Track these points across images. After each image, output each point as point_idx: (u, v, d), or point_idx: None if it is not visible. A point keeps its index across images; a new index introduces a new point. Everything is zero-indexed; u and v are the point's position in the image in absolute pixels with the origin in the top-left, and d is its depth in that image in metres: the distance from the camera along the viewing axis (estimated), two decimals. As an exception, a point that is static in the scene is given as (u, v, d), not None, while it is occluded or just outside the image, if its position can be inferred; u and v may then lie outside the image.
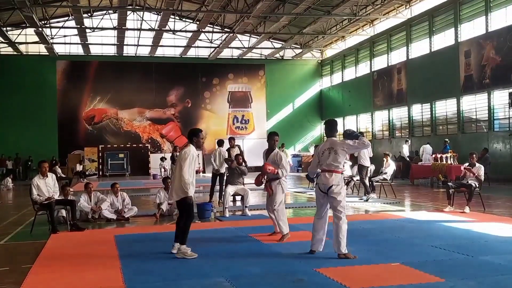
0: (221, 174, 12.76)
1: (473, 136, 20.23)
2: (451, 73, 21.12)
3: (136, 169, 28.98)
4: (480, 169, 10.63)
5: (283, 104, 33.77)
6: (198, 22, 27.64)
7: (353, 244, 6.64)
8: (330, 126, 6.79)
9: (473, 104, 20.44)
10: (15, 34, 28.23)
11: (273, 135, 8.02)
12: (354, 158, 14.19)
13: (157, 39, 28.65)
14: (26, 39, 28.93)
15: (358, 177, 13.47)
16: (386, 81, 26.42)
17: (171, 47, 31.37)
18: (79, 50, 30.53)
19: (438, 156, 16.79)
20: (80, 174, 24.85)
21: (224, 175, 12.58)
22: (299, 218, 10.27)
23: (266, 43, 31.60)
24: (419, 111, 24.09)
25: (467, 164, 11.05)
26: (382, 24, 27.26)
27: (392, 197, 13.41)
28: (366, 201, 12.59)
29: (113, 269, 6.07)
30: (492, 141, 19.13)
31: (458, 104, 21.06)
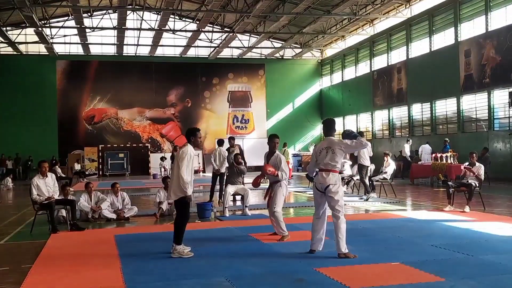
0: (221, 174, 12.76)
1: (473, 136, 20.23)
2: (451, 73, 21.12)
3: (136, 169, 29.01)
4: (480, 169, 10.63)
5: (283, 104, 33.76)
6: (198, 22, 27.63)
7: (353, 244, 6.64)
8: (328, 126, 6.77)
9: (473, 104, 20.44)
10: (15, 34, 28.22)
11: (273, 138, 7.98)
12: (354, 158, 14.19)
13: (157, 39, 28.66)
14: (26, 39, 28.92)
15: (358, 177, 13.46)
16: (386, 81, 26.41)
17: (171, 47, 31.36)
18: (79, 50, 30.54)
19: (438, 156, 16.79)
20: (80, 174, 24.85)
21: (224, 175, 12.58)
22: (299, 218, 10.28)
23: (266, 43, 31.58)
24: (419, 111, 24.09)
25: (467, 164, 11.04)
26: (382, 24, 27.25)
27: (392, 197, 13.42)
28: (366, 201, 12.59)
29: (113, 269, 6.07)
30: (492, 141, 19.12)
31: (458, 104, 21.06)
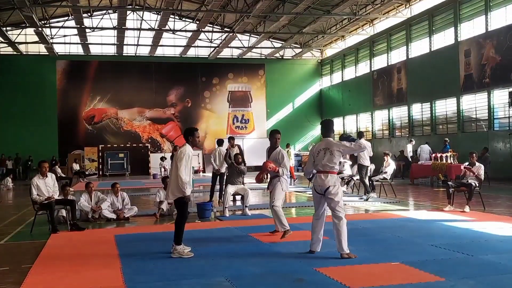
0: (221, 174, 12.76)
1: (473, 136, 20.23)
2: (451, 72, 21.12)
3: (136, 169, 29.01)
4: (480, 168, 10.62)
5: (283, 104, 33.76)
6: (198, 22, 27.62)
7: (353, 244, 6.63)
8: (327, 126, 6.71)
9: (473, 104, 20.44)
10: (15, 34, 28.22)
11: (275, 133, 7.99)
12: (354, 158, 14.19)
13: (157, 39, 28.66)
14: (26, 39, 28.92)
15: (358, 177, 13.46)
16: (386, 81, 26.41)
17: (171, 47, 31.36)
18: (79, 50, 30.54)
19: (438, 156, 16.78)
20: (80, 174, 24.84)
21: (224, 175, 12.58)
22: (299, 218, 10.27)
23: (266, 43, 31.58)
24: (419, 111, 24.09)
25: (467, 163, 11.04)
26: (382, 24, 27.25)
27: (392, 197, 13.41)
28: (366, 201, 12.58)
29: (113, 269, 6.07)
30: (492, 140, 19.12)
31: (458, 104, 21.06)
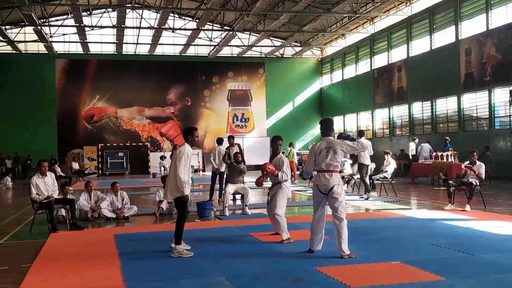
0: (221, 173, 12.73)
1: (474, 134, 20.20)
2: (452, 71, 21.09)
3: (136, 168, 28.99)
4: (481, 167, 10.61)
5: (283, 103, 33.71)
6: (198, 20, 27.57)
7: (354, 243, 6.61)
8: (327, 125, 6.65)
9: (474, 102, 20.41)
10: (14, 33, 28.16)
11: (276, 140, 7.84)
12: (355, 157, 14.18)
13: (157, 37, 28.63)
14: (25, 38, 28.87)
15: (359, 176, 13.44)
16: (387, 79, 26.37)
17: (171, 45, 31.29)
18: (78, 49, 30.48)
19: (439, 154, 16.75)
20: (80, 173, 24.81)
21: (224, 174, 12.56)
22: (299, 217, 10.25)
23: (266, 41, 31.54)
24: (420, 109, 24.06)
25: (468, 162, 11.03)
26: (383, 22, 27.20)
27: (393, 196, 13.39)
28: (367, 200, 12.56)
29: (113, 268, 6.05)
30: (493, 139, 19.09)
31: (459, 102, 21.03)
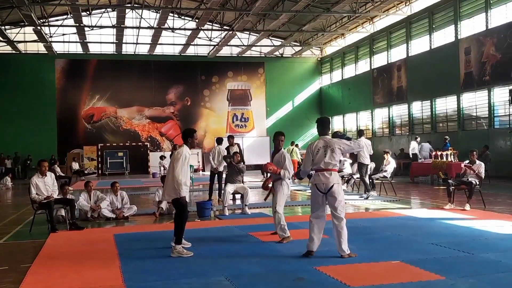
0: (219, 173, 12.71)
1: (473, 133, 20.20)
2: (451, 70, 21.08)
3: (136, 168, 28.97)
4: (481, 167, 10.61)
5: (283, 102, 33.72)
6: (197, 20, 27.57)
7: (354, 242, 6.61)
8: (324, 124, 6.62)
9: (473, 101, 20.41)
10: (14, 33, 28.16)
11: (278, 135, 7.69)
12: (354, 156, 14.15)
13: (156, 37, 28.62)
14: (25, 38, 28.86)
15: (358, 175, 13.44)
16: (386, 79, 26.37)
17: (170, 45, 31.28)
18: (78, 49, 30.47)
19: (439, 154, 16.76)
20: (79, 173, 24.80)
21: (223, 174, 12.55)
22: (299, 217, 10.25)
23: (266, 41, 31.55)
24: (419, 109, 24.06)
25: (468, 162, 11.03)
26: (382, 21, 27.20)
27: (392, 195, 13.39)
28: (366, 199, 12.56)
29: (113, 268, 6.05)
30: (493, 138, 19.09)
31: (458, 101, 21.03)
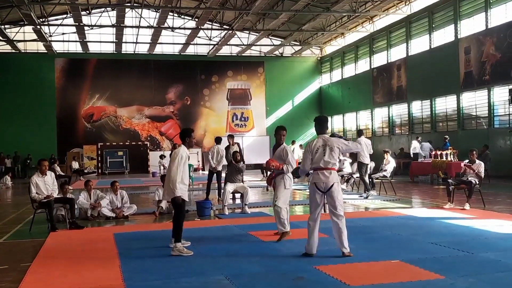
0: (218, 172, 12.70)
1: (473, 133, 20.21)
2: (451, 70, 21.08)
3: (135, 167, 28.97)
4: (480, 166, 10.61)
5: (283, 102, 33.71)
6: (197, 19, 27.56)
7: (353, 241, 6.60)
8: (322, 123, 6.63)
9: (473, 101, 20.41)
10: (13, 32, 28.12)
11: (280, 130, 7.73)
12: (354, 156, 14.16)
13: (156, 37, 28.60)
14: (25, 37, 28.82)
15: (358, 174, 13.44)
16: (386, 78, 26.37)
17: (170, 45, 31.27)
18: (78, 48, 30.46)
19: (438, 153, 16.76)
20: (79, 172, 24.78)
21: (221, 173, 12.54)
22: (299, 216, 10.25)
23: (265, 40, 31.55)
24: (419, 108, 24.06)
25: (467, 161, 11.03)
26: (382, 21, 27.19)
27: (392, 194, 13.40)
28: (366, 198, 12.56)
29: (113, 267, 6.05)
30: (492, 138, 19.09)
31: (458, 101, 21.03)
